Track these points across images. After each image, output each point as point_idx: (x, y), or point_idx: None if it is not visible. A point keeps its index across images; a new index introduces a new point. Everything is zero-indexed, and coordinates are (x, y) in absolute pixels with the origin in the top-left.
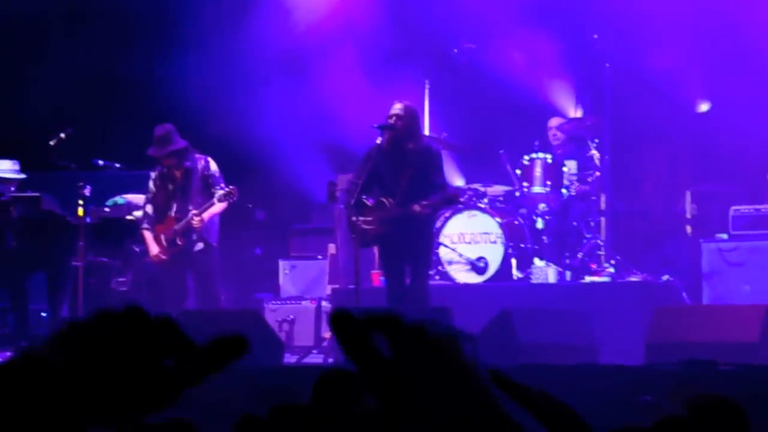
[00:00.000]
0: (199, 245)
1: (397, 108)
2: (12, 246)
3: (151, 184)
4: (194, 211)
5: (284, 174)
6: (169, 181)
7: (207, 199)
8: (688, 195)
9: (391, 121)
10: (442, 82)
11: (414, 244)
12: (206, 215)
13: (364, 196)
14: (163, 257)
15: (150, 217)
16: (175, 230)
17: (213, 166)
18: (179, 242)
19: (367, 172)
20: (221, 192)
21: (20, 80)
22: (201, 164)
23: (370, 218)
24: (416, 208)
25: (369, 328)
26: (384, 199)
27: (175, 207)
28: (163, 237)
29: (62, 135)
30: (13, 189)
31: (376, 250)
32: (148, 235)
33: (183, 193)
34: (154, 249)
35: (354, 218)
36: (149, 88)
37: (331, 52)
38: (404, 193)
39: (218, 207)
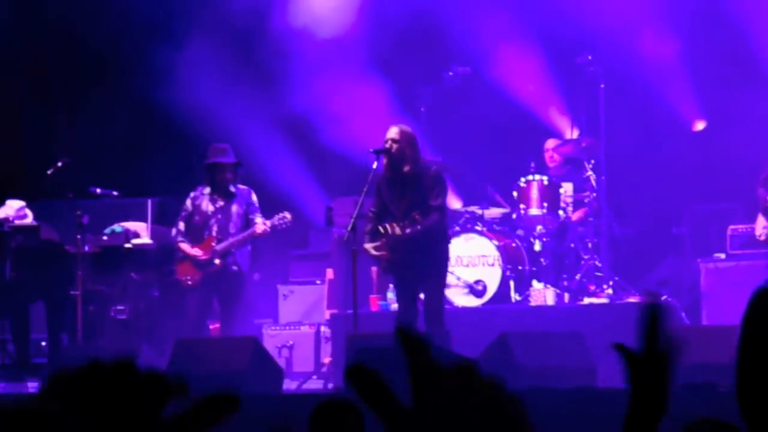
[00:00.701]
0: (234, 268)
1: (392, 132)
2: (11, 276)
3: (188, 203)
4: (262, 223)
5: (281, 198)
6: (211, 202)
7: (246, 226)
8: (685, 214)
9: (387, 145)
10: (438, 105)
11: (424, 267)
12: (261, 229)
13: (381, 225)
14: (202, 259)
15: (182, 233)
16: (215, 250)
17: (254, 196)
18: (217, 262)
19: (381, 200)
20: (277, 216)
21: (16, 111)
22: (244, 192)
23: (379, 244)
24: (396, 230)
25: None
26: (388, 225)
27: (215, 228)
28: (201, 255)
29: (59, 164)
30: (11, 218)
31: (374, 274)
32: (187, 246)
33: (225, 216)
34: (197, 251)
35: (366, 246)
36: (146, 116)
37: (328, 77)
38: (405, 217)
39: (263, 228)
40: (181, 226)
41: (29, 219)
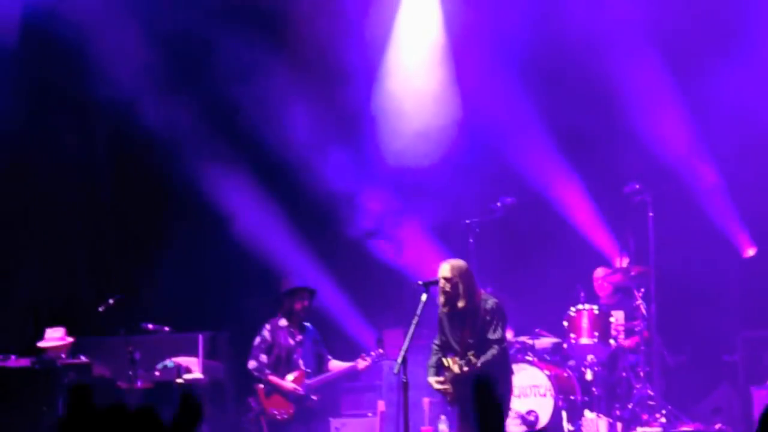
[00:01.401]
0: (319, 405)
1: (444, 270)
2: (63, 414)
3: (267, 334)
4: (363, 359)
5: (333, 330)
6: (290, 336)
7: (320, 363)
8: (737, 341)
9: (441, 284)
10: (486, 235)
11: None
12: (362, 365)
13: (448, 356)
14: (299, 393)
15: (266, 365)
16: (309, 385)
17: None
18: (314, 397)
19: (442, 333)
20: (375, 353)
21: (70, 250)
22: (311, 328)
23: (442, 378)
24: (455, 369)
25: None
26: (450, 359)
27: (301, 362)
28: (299, 389)
29: (111, 301)
30: (63, 355)
31: (425, 405)
32: (278, 379)
33: (305, 351)
34: (293, 385)
35: (429, 379)
36: (195, 252)
37: (373, 206)
38: (465, 352)
39: (364, 364)
40: (264, 358)
41: (69, 340)
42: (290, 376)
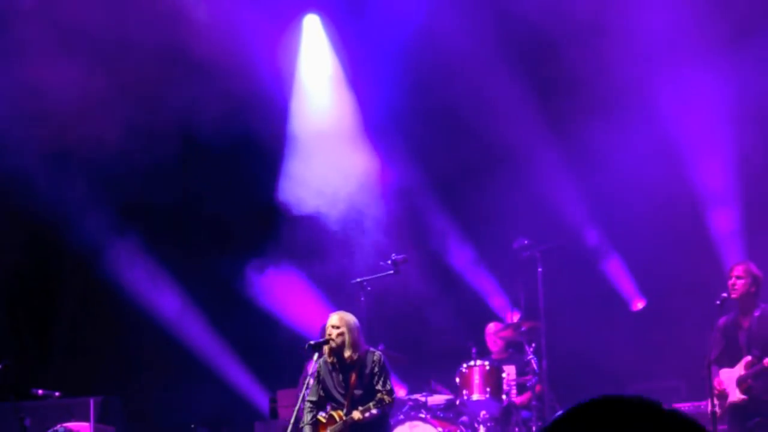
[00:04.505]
0: None
1: (333, 319)
2: None
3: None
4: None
5: (226, 390)
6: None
7: None
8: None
9: (329, 332)
10: (378, 293)
11: None
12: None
13: (322, 413)
14: None
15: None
16: None
17: None
18: None
19: (319, 389)
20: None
21: None
22: None
23: None
24: (356, 415)
25: None
26: (334, 413)
27: None
28: None
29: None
30: None
31: None
32: None
33: None
34: None
35: None
36: (88, 314)
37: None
38: (352, 403)
39: None
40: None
41: None
42: None
